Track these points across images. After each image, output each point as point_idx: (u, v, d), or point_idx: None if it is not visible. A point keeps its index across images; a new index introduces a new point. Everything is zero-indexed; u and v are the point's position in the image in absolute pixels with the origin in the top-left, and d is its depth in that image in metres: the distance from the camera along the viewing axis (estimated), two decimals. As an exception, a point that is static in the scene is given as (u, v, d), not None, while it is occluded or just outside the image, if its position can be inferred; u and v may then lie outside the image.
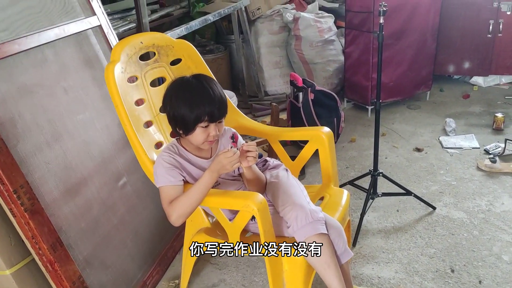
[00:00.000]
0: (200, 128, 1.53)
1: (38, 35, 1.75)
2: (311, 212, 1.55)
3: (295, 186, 1.69)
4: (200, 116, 1.50)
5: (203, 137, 1.55)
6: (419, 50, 3.70)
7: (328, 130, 1.94)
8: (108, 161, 1.97)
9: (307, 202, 1.60)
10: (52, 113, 1.75)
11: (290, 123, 3.22)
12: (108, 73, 1.65)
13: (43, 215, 1.58)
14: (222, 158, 1.49)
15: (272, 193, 1.69)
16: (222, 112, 1.55)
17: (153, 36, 1.89)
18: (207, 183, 1.52)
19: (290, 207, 1.57)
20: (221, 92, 1.56)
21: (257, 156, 1.57)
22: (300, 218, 1.54)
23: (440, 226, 2.32)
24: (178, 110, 1.52)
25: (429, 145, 3.19)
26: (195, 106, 1.49)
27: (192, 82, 1.54)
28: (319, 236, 1.52)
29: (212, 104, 1.50)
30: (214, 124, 1.54)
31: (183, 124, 1.53)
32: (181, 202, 1.52)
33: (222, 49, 4.38)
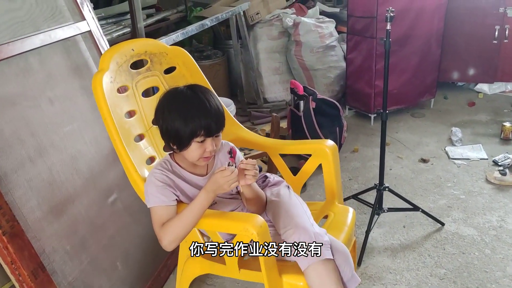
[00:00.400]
0: (195, 143, 1.40)
1: (21, 41, 1.63)
2: (315, 236, 1.42)
3: (298, 206, 1.56)
4: (195, 130, 1.37)
5: (199, 153, 1.42)
6: (424, 57, 3.59)
7: (332, 144, 1.82)
8: (97, 176, 1.84)
9: (310, 224, 1.47)
10: (36, 126, 1.62)
11: (291, 132, 3.10)
12: (96, 83, 1.52)
13: (24, 238, 1.45)
14: (219, 177, 1.37)
15: (273, 213, 1.57)
16: (220, 126, 1.42)
17: (145, 42, 1.77)
18: (203, 204, 1.39)
19: (292, 230, 1.45)
20: (218, 104, 1.43)
21: (257, 175, 1.45)
22: (305, 241, 1.41)
23: (449, 244, 2.20)
24: (171, 124, 1.39)
25: (435, 156, 3.07)
26: (190, 119, 1.36)
27: (186, 93, 1.41)
28: (324, 262, 1.39)
29: (208, 117, 1.38)
30: (211, 138, 1.41)
31: (177, 139, 1.40)
32: (174, 225, 1.39)
33: (219, 55, 4.26)
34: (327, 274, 1.39)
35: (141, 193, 1.52)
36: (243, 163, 1.43)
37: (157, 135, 1.72)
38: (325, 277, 1.38)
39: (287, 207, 1.53)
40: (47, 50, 1.78)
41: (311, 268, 1.38)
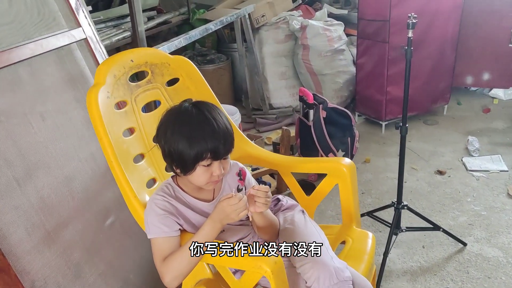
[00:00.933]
0: (201, 167, 1.24)
1: (9, 52, 1.47)
2: (335, 271, 1.27)
3: (315, 235, 1.41)
4: (201, 154, 1.21)
5: (206, 177, 1.26)
6: (438, 61, 3.43)
7: (350, 162, 1.66)
8: (93, 197, 1.69)
9: (330, 258, 1.32)
10: (24, 145, 1.47)
11: (299, 142, 2.94)
12: (91, 99, 1.37)
13: (10, 273, 1.31)
14: (225, 206, 1.21)
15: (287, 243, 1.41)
16: (228, 148, 1.27)
17: (145, 52, 1.62)
18: (208, 236, 1.24)
19: (310, 264, 1.29)
20: (227, 123, 1.28)
21: (269, 203, 1.29)
22: (323, 279, 1.26)
23: (473, 267, 2.04)
24: (174, 146, 1.23)
25: (451, 167, 2.91)
26: (195, 141, 1.21)
27: (191, 112, 1.25)
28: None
29: (216, 138, 1.22)
30: (218, 162, 1.26)
31: (181, 162, 1.25)
32: (177, 260, 1.24)
33: (223, 59, 4.11)
34: None
35: (141, 221, 1.37)
36: (254, 189, 1.28)
37: (158, 154, 1.56)
38: None
39: (303, 237, 1.38)
40: (38, 61, 1.63)
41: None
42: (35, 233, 1.43)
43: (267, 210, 1.34)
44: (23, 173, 1.44)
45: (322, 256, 1.30)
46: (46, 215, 1.48)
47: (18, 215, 1.39)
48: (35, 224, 1.44)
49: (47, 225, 1.47)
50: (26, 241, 1.39)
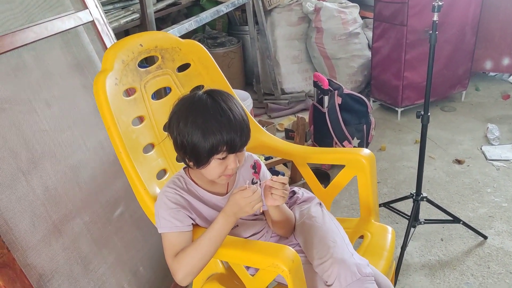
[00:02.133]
0: (216, 161, 1.17)
1: (12, 36, 1.40)
2: (357, 268, 1.20)
3: (334, 231, 1.33)
4: (216, 147, 1.14)
5: (220, 170, 1.19)
6: (457, 46, 3.30)
7: (369, 153, 1.58)
8: (101, 188, 1.63)
9: (350, 254, 1.25)
10: (29, 134, 1.41)
11: (312, 129, 2.85)
12: (98, 86, 1.30)
13: (15, 267, 1.25)
14: (239, 198, 1.14)
15: (304, 239, 1.34)
16: (244, 140, 1.19)
17: (155, 36, 1.53)
18: (222, 230, 1.17)
19: (330, 261, 1.22)
20: (243, 114, 1.19)
21: (286, 195, 1.22)
22: (345, 277, 1.19)
23: (494, 261, 1.96)
24: (188, 138, 1.15)
25: (470, 156, 2.81)
26: (210, 134, 1.13)
27: (205, 102, 1.17)
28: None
29: (232, 130, 1.14)
30: (234, 155, 1.18)
31: (194, 155, 1.17)
32: (189, 256, 1.17)
33: (234, 42, 4.00)
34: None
35: (151, 214, 1.31)
36: (272, 179, 1.20)
37: (169, 144, 1.49)
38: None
39: (322, 233, 1.31)
40: (43, 45, 1.55)
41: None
42: (41, 226, 1.37)
43: (283, 203, 1.27)
44: (28, 163, 1.38)
45: (342, 253, 1.24)
46: (53, 206, 1.42)
47: (23, 207, 1.33)
48: (41, 216, 1.38)
49: (53, 217, 1.42)
50: (31, 234, 1.34)
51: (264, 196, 1.22)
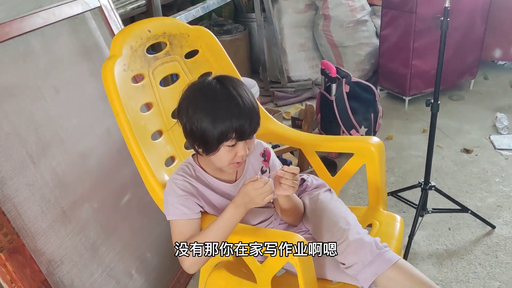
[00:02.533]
0: (225, 147, 1.16)
1: (20, 21, 1.39)
2: (375, 243, 1.22)
3: (346, 213, 1.34)
4: (226, 133, 1.12)
5: (229, 158, 1.18)
6: (466, 34, 3.26)
7: (378, 141, 1.57)
8: (109, 175, 1.63)
9: (365, 232, 1.26)
10: (38, 120, 1.40)
11: (319, 117, 2.84)
12: (107, 72, 1.29)
13: (25, 253, 1.26)
14: (250, 190, 1.13)
15: (316, 225, 1.33)
16: (254, 127, 1.17)
17: (163, 22, 1.52)
18: (232, 221, 1.17)
19: (346, 242, 1.22)
20: (253, 100, 1.18)
21: (297, 186, 1.21)
22: (364, 253, 1.19)
23: (502, 250, 1.96)
24: (197, 125, 1.14)
25: (478, 146, 2.79)
26: (219, 120, 1.12)
27: (215, 88, 1.15)
28: (396, 267, 1.18)
29: (241, 117, 1.13)
30: (243, 142, 1.17)
31: (204, 142, 1.16)
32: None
33: (241, 29, 3.97)
34: (409, 276, 1.19)
35: (159, 201, 1.31)
36: (283, 169, 1.19)
37: (177, 131, 1.49)
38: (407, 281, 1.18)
39: (334, 216, 1.31)
40: (51, 30, 1.54)
41: (384, 277, 1.18)
42: (50, 212, 1.37)
43: (292, 192, 1.26)
44: (37, 149, 1.38)
45: (358, 233, 1.24)
46: (61, 192, 1.42)
47: (32, 193, 1.33)
48: (50, 202, 1.38)
49: (62, 203, 1.42)
50: (41, 220, 1.34)
51: (274, 185, 1.21)
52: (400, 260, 1.20)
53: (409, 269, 1.20)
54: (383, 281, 1.18)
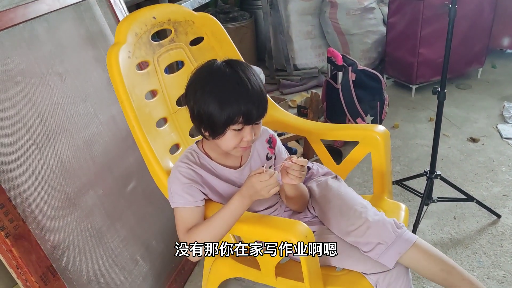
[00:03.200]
0: (231, 131, 1.15)
1: (25, 7, 1.39)
2: (394, 224, 1.24)
3: (359, 197, 1.35)
4: (233, 117, 1.11)
5: (235, 142, 1.17)
6: (475, 21, 3.22)
7: (384, 130, 1.56)
8: (114, 162, 1.64)
9: (382, 213, 1.28)
10: (43, 107, 1.41)
11: (325, 105, 2.83)
12: (111, 59, 1.28)
13: (31, 239, 1.27)
14: (255, 182, 1.12)
15: (328, 211, 1.33)
16: (262, 112, 1.16)
17: (168, 9, 1.50)
18: (236, 211, 1.16)
19: (366, 225, 1.23)
20: (261, 85, 1.17)
21: (303, 177, 1.21)
22: (387, 233, 1.21)
23: (507, 240, 1.95)
24: (204, 108, 1.13)
25: (485, 135, 2.77)
26: (227, 103, 1.11)
27: (224, 71, 1.14)
28: (416, 247, 1.21)
29: (249, 101, 1.12)
30: (250, 126, 1.16)
31: (211, 125, 1.15)
32: (201, 233, 1.17)
33: (247, 17, 3.95)
34: (429, 254, 1.22)
35: (164, 188, 1.31)
36: (291, 161, 1.19)
37: (182, 118, 1.49)
38: (426, 260, 1.21)
39: (348, 200, 1.32)
40: (55, 17, 1.54)
41: (408, 256, 1.20)
42: (55, 198, 1.38)
43: (298, 182, 1.25)
44: (42, 136, 1.38)
45: (376, 214, 1.26)
46: (67, 179, 1.43)
47: (38, 180, 1.33)
48: (56, 188, 1.39)
49: (67, 190, 1.42)
50: (46, 206, 1.35)
51: (281, 174, 1.22)
52: (418, 239, 1.22)
53: (428, 248, 1.22)
54: (405, 260, 1.20)
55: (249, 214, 1.26)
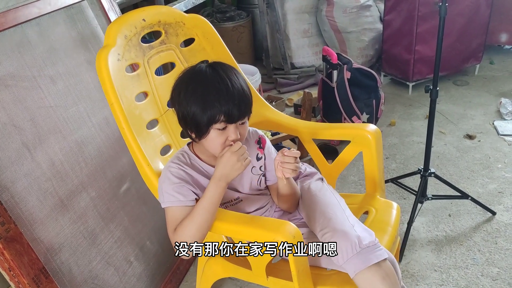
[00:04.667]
0: (215, 131, 1.17)
1: (15, 11, 1.40)
2: (358, 240, 1.20)
3: (334, 204, 1.33)
4: (214, 116, 1.14)
5: (220, 142, 1.19)
6: (471, 18, 3.21)
7: (375, 129, 1.56)
8: (107, 163, 1.64)
9: (351, 226, 1.25)
10: (34, 110, 1.42)
11: (321, 104, 2.83)
12: (100, 62, 1.29)
13: (23, 242, 1.28)
14: (229, 156, 1.16)
15: (307, 213, 1.35)
16: (244, 111, 1.18)
17: (158, 11, 1.51)
18: (214, 198, 1.18)
19: (330, 233, 1.22)
20: (243, 84, 1.19)
21: (298, 169, 1.23)
22: (345, 248, 1.19)
23: (502, 237, 1.95)
24: (187, 108, 1.17)
25: (482, 131, 2.77)
26: (208, 103, 1.14)
27: (205, 73, 1.18)
28: (374, 268, 1.16)
29: (230, 100, 1.14)
30: (234, 125, 1.18)
31: (195, 126, 1.18)
32: (186, 228, 1.18)
33: (244, 16, 3.95)
34: (381, 280, 1.16)
35: (154, 189, 1.32)
36: (284, 154, 1.22)
37: (172, 120, 1.50)
38: (379, 284, 1.16)
39: (322, 205, 1.32)
40: (47, 20, 1.55)
41: (360, 276, 1.17)
42: (47, 201, 1.39)
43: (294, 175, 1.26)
44: (34, 139, 1.39)
45: (342, 225, 1.24)
46: (59, 182, 1.44)
47: (29, 183, 1.35)
48: (48, 191, 1.40)
49: (60, 192, 1.44)
50: (38, 209, 1.36)
51: (276, 169, 1.25)
52: (382, 261, 1.18)
53: (388, 273, 1.18)
54: (359, 279, 1.17)
55: (239, 215, 1.26)
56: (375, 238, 1.22)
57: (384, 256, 1.19)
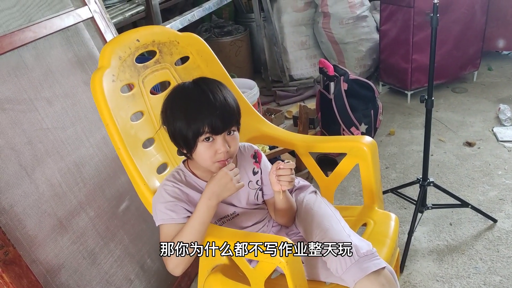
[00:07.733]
0: (203, 144, 1.19)
1: (10, 36, 1.42)
2: (355, 249, 1.20)
3: (330, 215, 1.34)
4: (198, 128, 1.16)
5: (209, 154, 1.20)
6: (467, 25, 3.23)
7: (371, 141, 1.57)
8: (105, 183, 1.65)
9: (347, 236, 1.25)
10: (31, 133, 1.43)
11: (320, 116, 2.84)
12: (95, 84, 1.31)
13: (21, 264, 1.28)
14: (223, 174, 1.17)
15: (304, 227, 1.36)
16: (228, 121, 1.19)
17: (152, 31, 1.53)
18: (204, 217, 1.18)
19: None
20: (226, 96, 1.20)
21: (294, 180, 1.25)
22: (344, 258, 1.19)
23: (504, 244, 1.94)
24: (174, 125, 1.20)
25: (481, 138, 2.77)
26: (191, 116, 1.16)
27: (187, 88, 1.21)
28: (373, 276, 1.16)
29: (212, 112, 1.16)
30: (221, 137, 1.19)
31: (183, 141, 1.21)
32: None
33: (241, 30, 3.98)
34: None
35: (151, 208, 1.32)
36: (279, 167, 1.23)
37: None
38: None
39: (317, 218, 1.33)
40: (43, 43, 1.57)
41: (359, 286, 1.16)
42: (46, 222, 1.40)
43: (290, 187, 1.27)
44: (32, 161, 1.41)
45: (339, 235, 1.24)
46: (57, 203, 1.45)
47: (28, 205, 1.36)
48: (46, 212, 1.41)
49: (58, 213, 1.45)
50: (37, 231, 1.37)
51: (271, 182, 1.26)
52: (380, 269, 1.17)
53: (387, 280, 1.17)
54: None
55: (236, 232, 1.27)
56: (372, 247, 1.22)
57: (383, 265, 1.19)
